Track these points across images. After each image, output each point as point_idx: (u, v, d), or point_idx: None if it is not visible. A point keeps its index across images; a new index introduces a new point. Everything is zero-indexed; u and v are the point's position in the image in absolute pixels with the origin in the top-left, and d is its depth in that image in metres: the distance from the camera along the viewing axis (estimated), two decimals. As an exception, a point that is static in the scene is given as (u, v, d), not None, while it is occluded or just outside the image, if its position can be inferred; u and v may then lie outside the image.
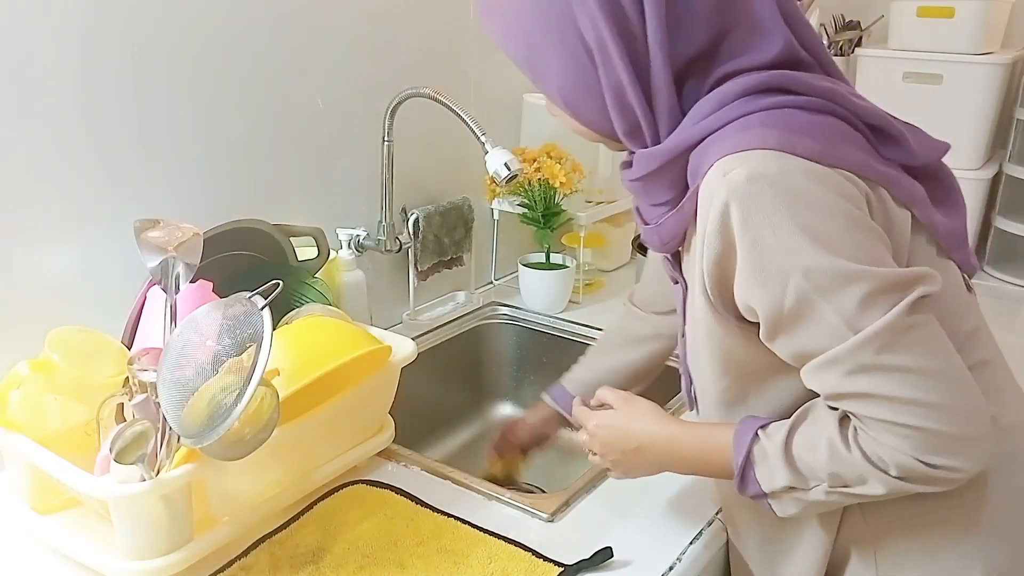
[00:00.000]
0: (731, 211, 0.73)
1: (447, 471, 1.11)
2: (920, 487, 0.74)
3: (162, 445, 0.85)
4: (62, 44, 1.03)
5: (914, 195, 0.79)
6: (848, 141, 0.76)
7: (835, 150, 0.74)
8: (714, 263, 0.76)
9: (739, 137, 0.74)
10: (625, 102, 0.79)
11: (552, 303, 1.63)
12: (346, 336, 1.04)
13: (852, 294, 0.71)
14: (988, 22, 1.78)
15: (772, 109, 0.75)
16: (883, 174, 0.77)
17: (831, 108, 0.77)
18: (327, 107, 1.37)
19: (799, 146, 0.73)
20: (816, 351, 0.73)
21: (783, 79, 0.77)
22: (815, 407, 0.79)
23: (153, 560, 0.86)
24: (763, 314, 0.75)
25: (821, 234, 0.71)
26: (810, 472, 0.77)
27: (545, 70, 0.83)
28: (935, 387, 0.71)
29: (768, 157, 0.72)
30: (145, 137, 1.14)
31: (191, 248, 0.99)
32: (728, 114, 0.76)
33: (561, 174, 1.53)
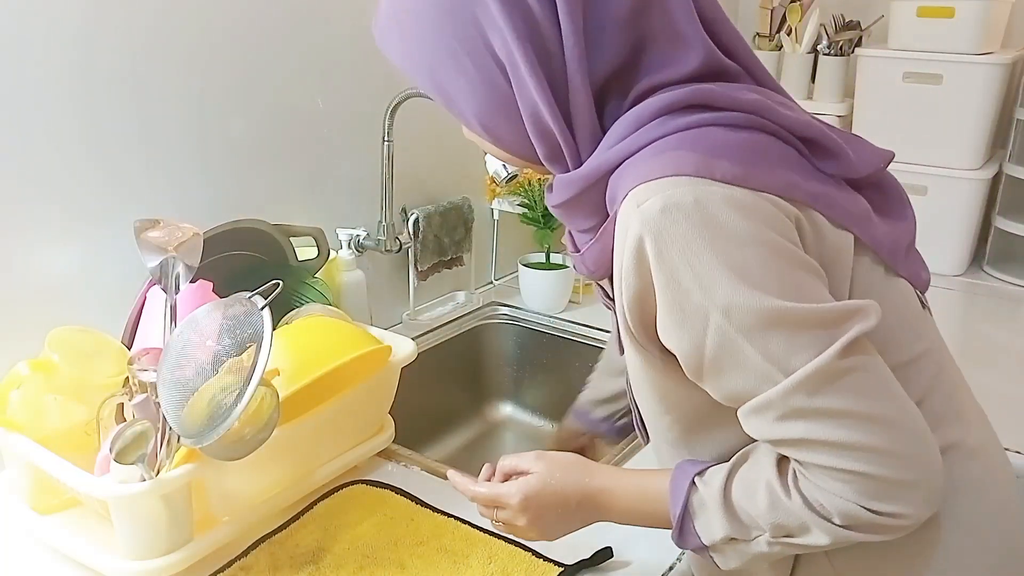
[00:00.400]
0: (645, 246, 0.67)
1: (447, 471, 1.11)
2: (866, 536, 0.68)
3: (162, 445, 0.86)
4: (62, 45, 1.03)
5: (853, 212, 0.73)
6: (775, 159, 0.70)
7: (759, 172, 0.68)
8: (632, 301, 0.71)
9: (653, 162, 0.68)
10: (544, 125, 0.73)
11: (552, 303, 1.63)
12: (346, 336, 1.04)
13: (778, 334, 0.65)
14: (988, 22, 1.78)
15: (690, 129, 0.69)
16: (815, 195, 0.71)
17: (757, 123, 0.71)
18: (327, 107, 1.37)
19: (718, 170, 0.67)
20: (747, 395, 0.68)
21: (703, 94, 0.71)
22: (755, 450, 0.74)
23: (153, 560, 0.86)
24: (685, 355, 0.70)
25: (743, 268, 0.65)
26: (751, 521, 0.72)
27: (456, 94, 0.75)
28: (875, 430, 0.66)
29: (684, 184, 0.66)
30: (145, 137, 1.14)
31: (191, 248, 0.99)
32: (645, 136, 0.70)
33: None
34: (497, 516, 0.85)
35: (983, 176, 1.84)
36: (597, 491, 0.82)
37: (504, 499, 0.84)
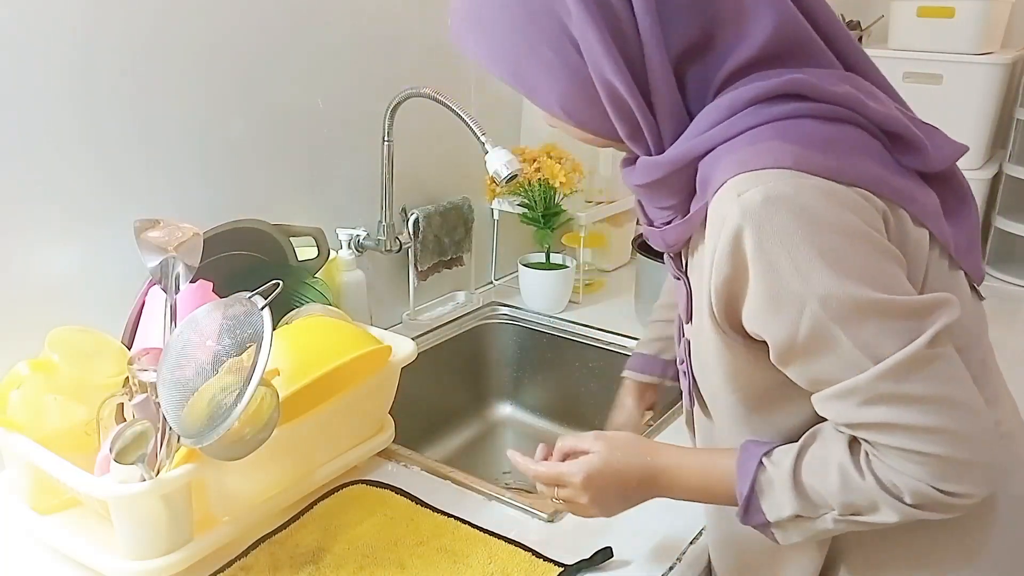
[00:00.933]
0: (744, 235, 0.69)
1: (447, 471, 1.11)
2: (933, 514, 0.72)
3: (162, 445, 0.85)
4: (62, 45, 1.03)
5: (928, 210, 0.76)
6: (865, 154, 0.72)
7: (852, 166, 0.70)
8: (722, 285, 0.73)
9: (751, 152, 0.70)
10: (623, 104, 0.74)
11: (552, 303, 1.63)
12: (346, 336, 1.04)
13: (871, 323, 0.68)
14: (988, 22, 1.78)
15: (785, 119, 0.71)
16: (899, 191, 0.73)
17: (848, 116, 0.72)
18: (327, 107, 1.37)
19: (815, 164, 0.69)
20: (832, 379, 0.71)
21: (796, 84, 0.72)
22: (823, 431, 0.76)
23: (153, 560, 0.86)
24: (776, 341, 0.72)
25: (839, 259, 0.68)
26: (820, 500, 0.74)
27: (537, 83, 0.78)
28: (952, 414, 0.69)
29: (784, 177, 0.68)
30: (145, 137, 1.14)
31: (191, 248, 0.99)
32: (738, 124, 0.72)
33: (561, 174, 1.53)
34: (558, 494, 0.87)
35: (983, 176, 1.84)
36: (660, 470, 0.85)
37: (566, 478, 0.86)
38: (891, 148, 0.75)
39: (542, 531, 1.00)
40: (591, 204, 1.72)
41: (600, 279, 1.80)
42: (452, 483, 1.09)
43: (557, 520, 1.02)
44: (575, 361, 1.56)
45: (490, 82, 1.66)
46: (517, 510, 1.04)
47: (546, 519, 1.02)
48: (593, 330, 1.57)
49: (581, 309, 1.66)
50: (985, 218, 1.94)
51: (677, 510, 1.04)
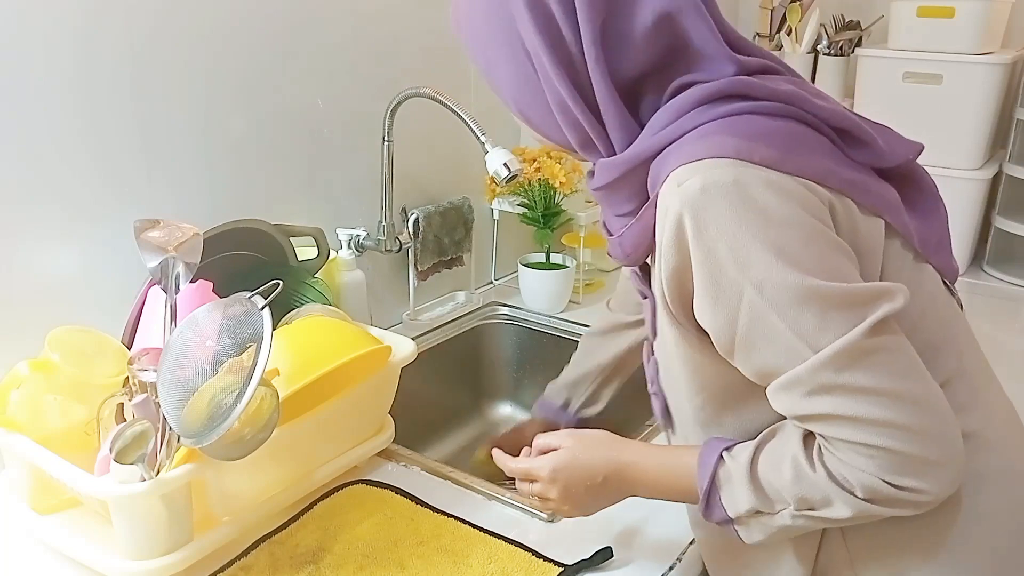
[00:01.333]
0: (685, 223, 0.70)
1: (447, 471, 1.11)
2: (887, 510, 0.71)
3: (162, 445, 0.85)
4: (61, 45, 1.03)
5: (885, 200, 0.76)
6: (811, 147, 0.73)
7: (796, 157, 0.71)
8: (671, 277, 0.74)
9: (696, 146, 0.71)
10: (571, 116, 0.77)
11: (552, 303, 1.63)
12: (346, 336, 1.04)
13: (809, 311, 0.68)
14: (988, 22, 1.78)
15: (730, 116, 0.73)
16: (848, 182, 0.73)
17: (793, 112, 0.74)
18: (327, 107, 1.37)
19: (757, 153, 0.70)
20: (777, 370, 0.70)
21: (741, 85, 0.74)
22: (783, 427, 0.76)
23: (153, 560, 0.86)
24: (717, 331, 0.72)
25: (777, 246, 0.68)
26: (776, 494, 0.74)
27: (497, 79, 0.82)
28: (899, 408, 0.68)
29: (723, 166, 0.69)
30: (145, 137, 1.14)
31: (191, 248, 0.99)
32: (686, 123, 0.73)
33: (561, 174, 1.53)
34: (531, 489, 0.90)
35: (983, 176, 1.84)
36: (625, 465, 0.86)
37: (535, 472, 0.88)
38: (841, 144, 0.76)
39: (542, 531, 1.00)
40: (591, 204, 1.72)
41: (600, 279, 1.80)
42: (452, 483, 1.09)
43: (557, 520, 1.02)
44: (575, 361, 1.56)
45: (490, 82, 1.67)
46: (517, 510, 1.04)
47: (546, 519, 1.02)
48: (593, 330, 1.57)
49: (581, 309, 1.66)
50: (985, 218, 1.94)
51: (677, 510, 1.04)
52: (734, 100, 0.74)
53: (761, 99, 0.74)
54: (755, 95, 0.74)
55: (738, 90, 0.74)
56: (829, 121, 0.75)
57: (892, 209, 0.77)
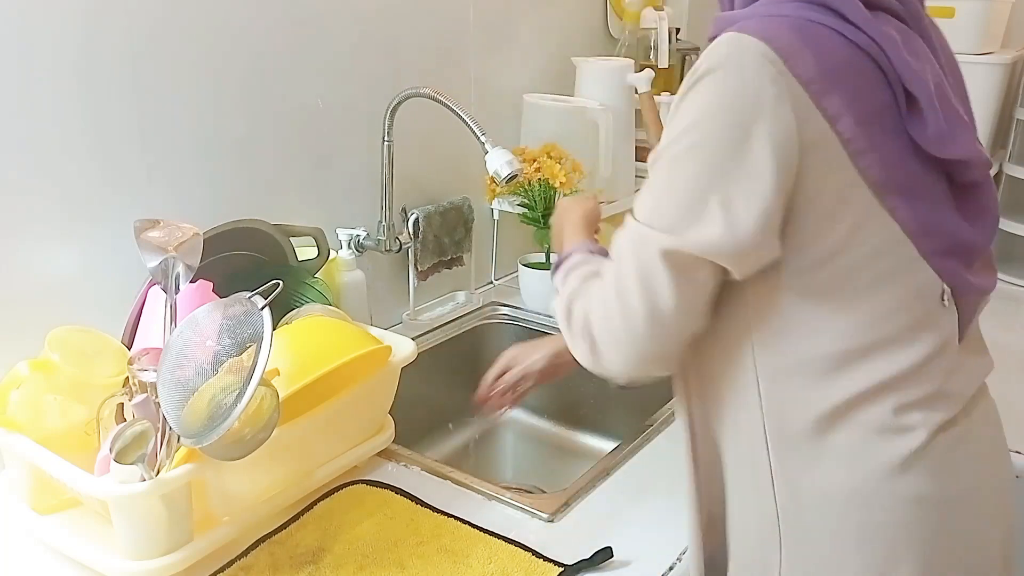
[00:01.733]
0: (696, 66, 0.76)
1: (447, 471, 1.11)
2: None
3: (162, 445, 0.85)
4: (62, 44, 1.03)
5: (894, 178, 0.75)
6: (857, 86, 0.74)
7: (829, 85, 0.72)
8: None
9: (759, 23, 0.74)
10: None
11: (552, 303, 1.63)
12: (346, 336, 1.04)
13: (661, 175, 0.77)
14: (988, 22, 1.78)
15: (814, 23, 0.74)
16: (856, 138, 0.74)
17: (872, 51, 0.74)
18: (327, 107, 1.37)
19: (799, 62, 0.72)
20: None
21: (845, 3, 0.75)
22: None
23: (153, 560, 0.86)
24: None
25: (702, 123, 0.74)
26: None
27: None
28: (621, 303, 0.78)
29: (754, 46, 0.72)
30: (146, 137, 1.14)
31: (191, 248, 0.99)
32: (776, 8, 0.76)
33: (561, 174, 1.53)
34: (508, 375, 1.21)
35: (983, 176, 1.84)
36: None
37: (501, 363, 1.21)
38: (903, 105, 0.76)
39: (542, 531, 1.00)
40: (591, 204, 1.71)
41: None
42: (452, 483, 1.09)
43: (557, 520, 1.02)
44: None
45: (490, 82, 1.67)
46: (517, 510, 1.04)
47: (546, 519, 1.02)
48: (593, 330, 1.56)
49: (581, 309, 1.65)
50: (985, 218, 1.94)
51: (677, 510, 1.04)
52: (829, 12, 0.75)
53: (854, 25, 0.74)
54: (851, 18, 0.74)
55: (840, 6, 0.75)
56: (903, 79, 0.75)
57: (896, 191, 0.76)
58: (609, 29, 1.98)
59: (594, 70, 1.74)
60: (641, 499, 1.06)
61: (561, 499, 1.05)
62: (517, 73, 1.74)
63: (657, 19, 1.86)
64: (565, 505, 1.04)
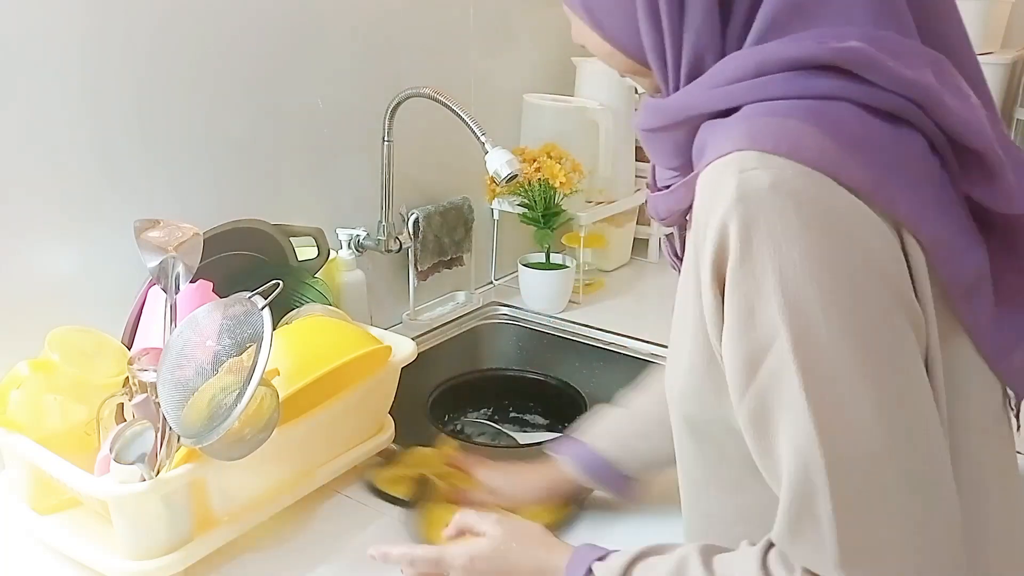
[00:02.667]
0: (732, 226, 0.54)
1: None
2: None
3: (162, 445, 0.85)
4: (63, 45, 1.03)
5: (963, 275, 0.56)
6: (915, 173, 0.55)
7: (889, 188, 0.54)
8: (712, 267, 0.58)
9: (768, 126, 0.54)
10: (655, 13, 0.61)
11: (552, 303, 1.63)
12: (346, 336, 1.04)
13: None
14: (988, 22, 1.78)
15: (824, 99, 0.55)
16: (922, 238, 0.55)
17: (912, 114, 0.55)
18: (327, 107, 1.37)
19: (845, 170, 0.53)
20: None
21: (857, 58, 0.54)
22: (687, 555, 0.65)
23: (153, 560, 0.86)
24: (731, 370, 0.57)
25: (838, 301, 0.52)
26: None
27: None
28: None
29: (801, 175, 0.53)
30: (146, 137, 1.14)
31: (191, 248, 0.99)
32: (765, 89, 0.56)
33: (561, 174, 1.53)
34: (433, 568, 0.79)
35: (983, 176, 1.84)
36: (552, 570, 0.74)
37: (448, 560, 0.77)
38: (953, 165, 0.57)
39: (542, 531, 1.00)
40: (591, 204, 1.72)
41: (600, 279, 1.80)
42: (452, 483, 1.09)
43: (557, 520, 1.02)
44: (575, 361, 1.56)
45: (490, 82, 1.66)
46: (517, 510, 1.03)
47: (546, 519, 1.01)
48: (593, 330, 1.56)
49: (581, 309, 1.66)
50: (985, 218, 1.94)
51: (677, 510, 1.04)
52: (839, 75, 0.55)
53: (879, 86, 0.55)
54: (869, 77, 0.54)
55: (849, 64, 0.54)
56: (953, 134, 0.56)
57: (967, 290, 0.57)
58: (609, 29, 1.98)
59: (594, 70, 1.74)
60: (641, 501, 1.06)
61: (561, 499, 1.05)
62: (517, 73, 1.74)
63: (657, 19, 1.86)
64: (565, 505, 1.04)
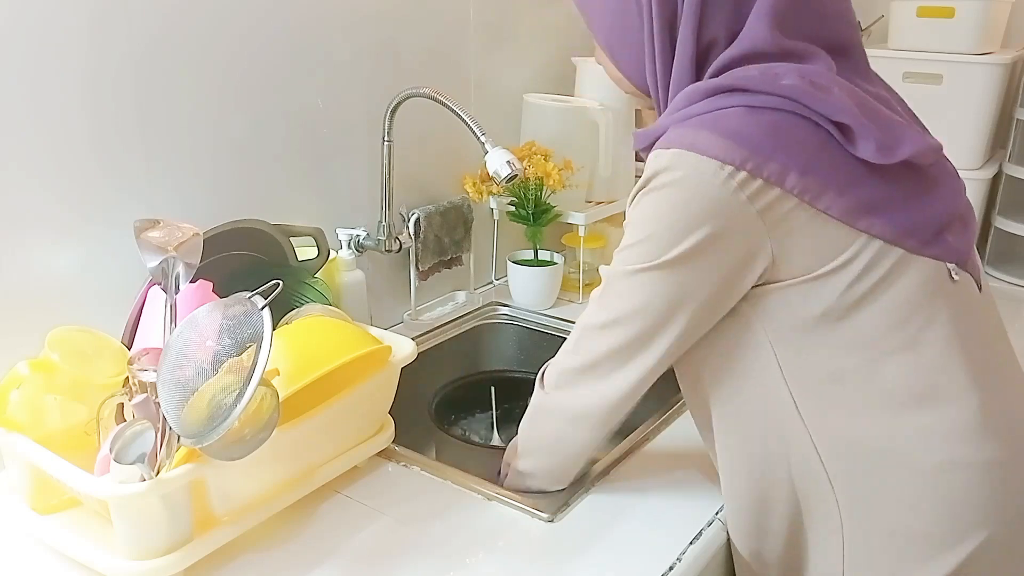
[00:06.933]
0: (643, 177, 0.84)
1: (447, 471, 1.11)
2: None
3: (162, 445, 0.85)
4: (64, 45, 1.03)
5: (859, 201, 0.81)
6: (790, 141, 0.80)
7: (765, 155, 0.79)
8: None
9: (685, 134, 0.81)
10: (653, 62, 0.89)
11: (540, 299, 1.63)
12: (346, 336, 1.04)
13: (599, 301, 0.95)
14: (988, 22, 1.78)
15: (723, 109, 0.81)
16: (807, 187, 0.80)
17: (788, 106, 0.80)
18: (327, 107, 1.37)
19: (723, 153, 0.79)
20: None
21: (743, 79, 0.81)
22: None
23: (153, 560, 0.86)
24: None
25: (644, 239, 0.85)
26: None
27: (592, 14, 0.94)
28: None
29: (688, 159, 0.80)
30: (146, 137, 1.14)
31: (191, 248, 0.99)
32: (692, 111, 0.83)
33: (555, 171, 1.53)
34: None
35: (983, 176, 1.84)
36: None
37: None
38: (841, 137, 0.81)
39: (542, 531, 1.00)
40: (591, 204, 1.72)
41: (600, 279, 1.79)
42: (452, 483, 1.09)
43: (557, 520, 1.02)
44: (575, 361, 1.56)
45: (490, 82, 1.67)
46: (517, 510, 1.04)
47: (546, 519, 1.02)
48: (593, 330, 1.56)
49: (581, 309, 1.65)
50: (985, 218, 1.94)
51: (677, 510, 1.04)
52: (734, 93, 0.81)
53: (760, 93, 0.80)
54: (753, 89, 0.81)
55: (738, 84, 0.82)
56: (826, 115, 0.80)
57: (864, 210, 0.81)
58: (609, 29, 1.98)
59: (594, 70, 1.73)
60: (641, 499, 1.06)
61: (561, 499, 1.05)
62: (517, 73, 1.74)
63: (657, 19, 1.86)
64: (565, 505, 1.04)
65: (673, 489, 1.07)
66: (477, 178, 1.57)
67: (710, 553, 0.99)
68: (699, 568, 0.97)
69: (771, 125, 0.80)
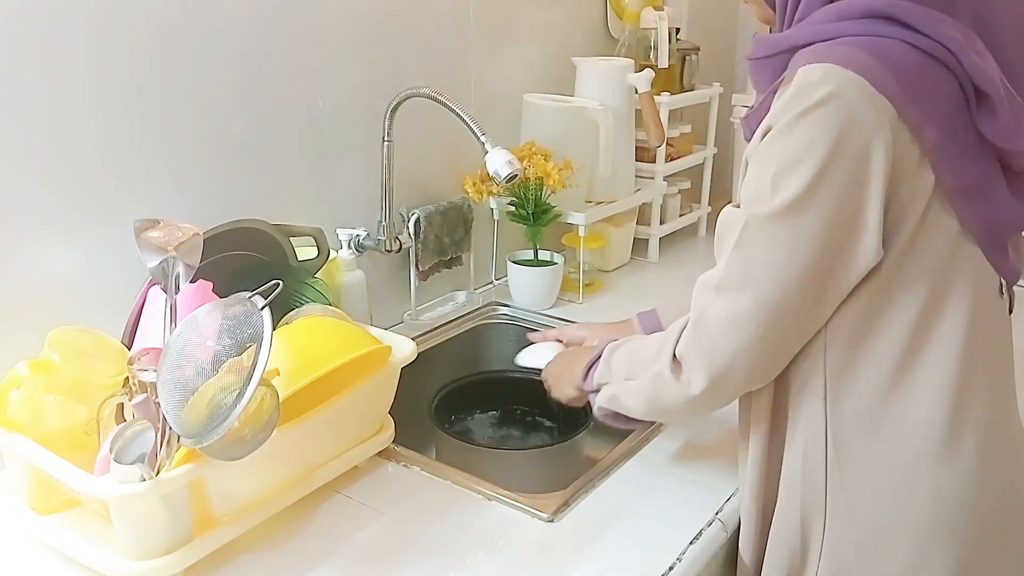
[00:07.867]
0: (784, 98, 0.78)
1: (447, 471, 1.11)
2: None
3: (162, 445, 0.85)
4: (65, 44, 1.03)
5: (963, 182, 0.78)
6: (936, 94, 0.77)
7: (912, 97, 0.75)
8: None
9: (837, 51, 0.76)
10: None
11: (540, 299, 1.64)
12: (346, 336, 1.04)
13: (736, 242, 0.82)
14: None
15: (882, 38, 0.76)
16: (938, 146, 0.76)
17: (944, 57, 0.76)
18: (327, 107, 1.37)
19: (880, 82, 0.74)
20: None
21: (908, 12, 0.76)
22: None
23: (153, 560, 0.86)
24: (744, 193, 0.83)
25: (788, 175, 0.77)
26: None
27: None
28: None
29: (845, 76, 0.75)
30: (146, 137, 1.14)
31: (191, 248, 0.99)
32: (841, 28, 0.78)
33: (555, 171, 1.53)
34: None
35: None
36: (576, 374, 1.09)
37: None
38: (974, 104, 0.78)
39: (542, 531, 1.00)
40: (591, 204, 1.72)
41: (600, 279, 1.80)
42: (452, 483, 1.09)
43: (557, 520, 1.02)
44: (575, 361, 1.56)
45: (490, 82, 1.66)
46: (517, 510, 1.04)
47: (546, 519, 1.02)
48: (593, 330, 1.56)
49: (581, 309, 1.66)
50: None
51: (677, 510, 1.04)
52: (894, 23, 0.77)
53: (921, 33, 0.76)
54: (915, 26, 0.76)
55: (902, 16, 0.77)
56: (973, 79, 0.77)
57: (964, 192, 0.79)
58: (609, 29, 1.98)
59: (594, 70, 1.74)
60: (641, 499, 1.06)
61: (561, 499, 1.05)
62: (517, 73, 1.74)
63: (657, 19, 1.86)
64: (565, 505, 1.04)
65: (673, 489, 1.07)
66: (477, 178, 1.57)
67: (710, 553, 0.99)
68: (699, 568, 0.97)
69: (923, 69, 0.76)
